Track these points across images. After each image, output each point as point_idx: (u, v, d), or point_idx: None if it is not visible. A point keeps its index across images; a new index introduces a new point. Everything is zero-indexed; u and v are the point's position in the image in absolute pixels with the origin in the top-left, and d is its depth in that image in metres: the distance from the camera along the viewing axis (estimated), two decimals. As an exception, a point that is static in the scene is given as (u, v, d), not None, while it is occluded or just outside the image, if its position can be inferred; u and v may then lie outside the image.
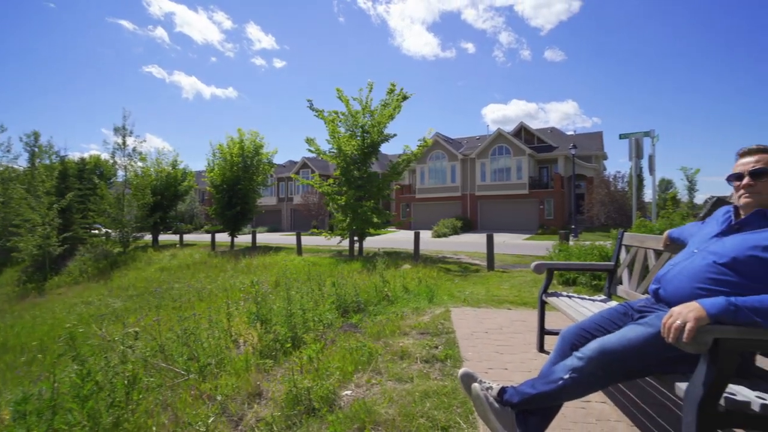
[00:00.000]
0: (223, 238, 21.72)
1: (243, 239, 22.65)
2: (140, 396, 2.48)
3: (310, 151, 13.69)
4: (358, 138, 12.91)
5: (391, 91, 12.85)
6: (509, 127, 37.32)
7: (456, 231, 30.28)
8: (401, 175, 13.75)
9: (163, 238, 26.84)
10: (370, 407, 2.30)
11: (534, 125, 38.57)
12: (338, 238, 14.15)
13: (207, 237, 24.35)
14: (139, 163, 22.93)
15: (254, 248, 17.49)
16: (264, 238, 28.49)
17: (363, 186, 12.96)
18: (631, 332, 1.67)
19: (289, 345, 3.47)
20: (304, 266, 8.83)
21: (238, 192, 18.79)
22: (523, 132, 37.07)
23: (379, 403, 2.36)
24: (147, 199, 21.27)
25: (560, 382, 1.68)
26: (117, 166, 23.78)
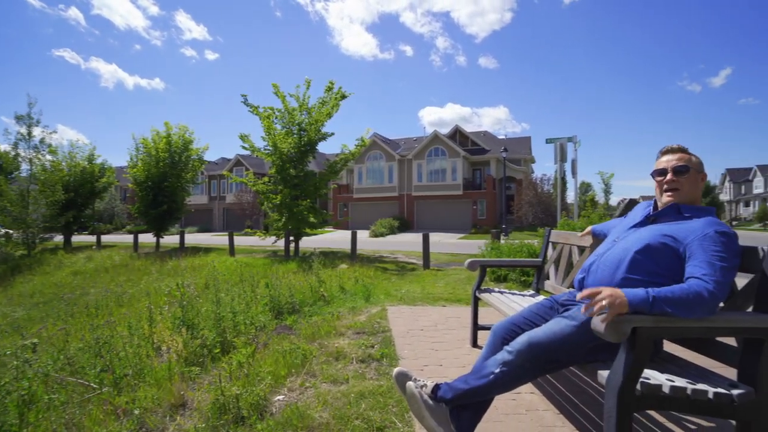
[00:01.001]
0: (147, 238, 20.23)
1: (170, 240, 21.29)
2: (39, 416, 2.19)
3: (244, 148, 13.14)
4: (295, 135, 12.61)
5: (329, 89, 12.69)
6: (445, 130, 38.47)
7: (393, 231, 30.64)
8: (339, 174, 13.63)
9: (78, 239, 24.51)
10: (303, 412, 2.21)
11: (468, 129, 40.06)
12: (273, 238, 13.73)
13: (129, 238, 22.52)
14: (48, 156, 20.65)
15: (182, 249, 16.48)
16: (193, 238, 26.98)
17: (299, 185, 12.67)
18: (556, 325, 1.75)
19: (218, 350, 3.26)
20: (237, 267, 8.45)
21: (164, 189, 17.55)
22: (458, 135, 38.37)
23: (312, 407, 2.27)
24: (57, 196, 19.18)
25: (491, 376, 1.71)
26: (20, 159, 21.29)
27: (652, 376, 1.54)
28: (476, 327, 3.39)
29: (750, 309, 1.63)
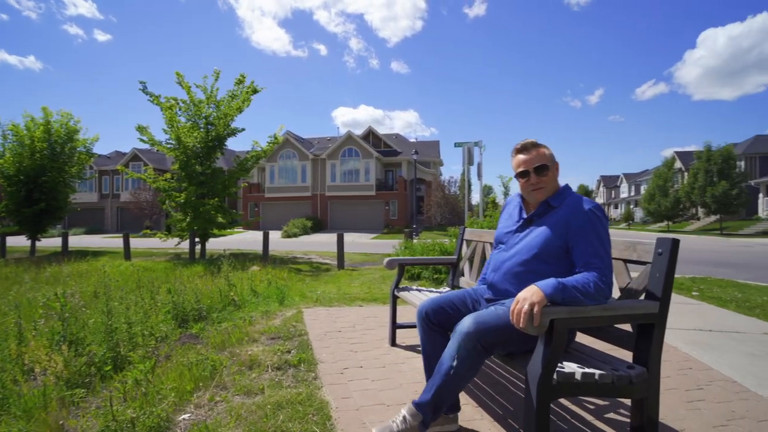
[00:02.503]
0: (19, 241, 17.50)
1: (50, 243, 18.61)
2: None
3: (142, 141, 11.89)
4: (202, 130, 11.76)
5: (240, 82, 12.03)
6: (359, 131, 38.74)
7: (306, 231, 30.08)
8: (249, 172, 12.99)
9: None
10: (214, 430, 2.00)
11: (381, 131, 40.78)
12: (177, 239, 12.67)
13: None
14: None
15: (65, 254, 14.48)
16: (80, 241, 23.98)
17: (206, 182, 11.84)
18: (497, 308, 1.80)
19: (109, 367, 2.86)
20: (134, 273, 7.61)
21: (42, 185, 15.19)
22: (371, 136, 38.84)
23: (224, 424, 2.07)
24: None
25: (451, 370, 1.69)
26: None
27: (565, 364, 1.63)
28: (395, 326, 3.39)
29: (642, 297, 1.81)
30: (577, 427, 2.11)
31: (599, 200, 70.07)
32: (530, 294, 1.53)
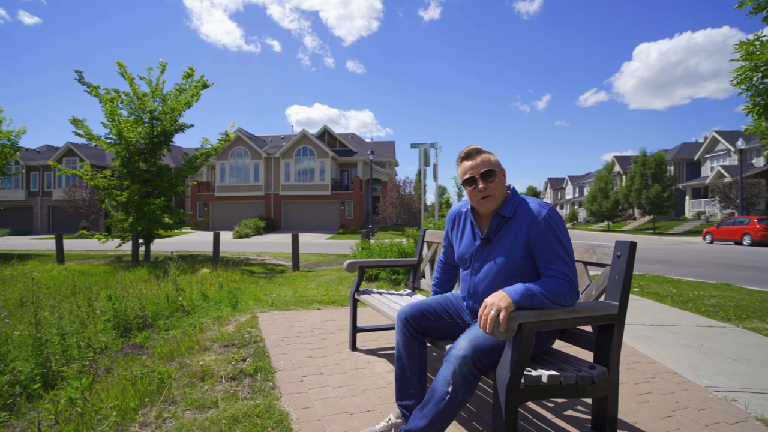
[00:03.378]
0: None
1: (-33, 245, 16.93)
2: None
3: (77, 135, 11.01)
4: (146, 124, 11.09)
5: (188, 76, 11.47)
6: (313, 130, 38.23)
7: (259, 231, 29.31)
8: (198, 170, 12.41)
9: None
10: (162, 450, 1.85)
11: (336, 130, 40.42)
12: (118, 241, 11.88)
13: None
14: None
15: (-14, 257, 13.20)
16: (4, 243, 21.96)
17: (151, 180, 11.19)
18: None
19: (37, 386, 2.59)
20: (68, 278, 7.02)
21: (-43, 182, 13.78)
22: (326, 135, 38.44)
23: (173, 442, 1.91)
24: None
25: (447, 396, 1.60)
26: None
27: (531, 367, 1.63)
28: (355, 329, 3.32)
29: (602, 298, 1.85)
30: (539, 426, 2.14)
31: (546, 201, 73.27)
32: (498, 299, 1.52)
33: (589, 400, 2.39)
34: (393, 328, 3.43)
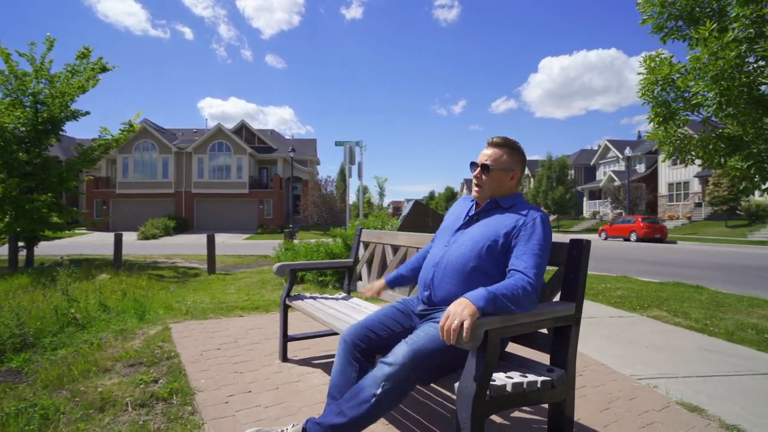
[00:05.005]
0: None
1: None
2: None
3: (-67, 117, 9.18)
4: (28, 109, 9.57)
5: (83, 56, 10.08)
6: (230, 125, 36.21)
7: (169, 232, 27.13)
8: (96, 163, 11.00)
9: None
10: None
11: (254, 126, 38.75)
12: (-10, 244, 10.12)
13: None
14: None
15: None
16: None
17: (35, 174, 9.69)
18: (432, 329, 1.61)
19: None
20: None
21: None
22: (244, 131, 36.66)
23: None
24: None
25: (373, 399, 1.46)
26: None
27: (496, 377, 1.51)
28: (286, 338, 3.03)
29: (556, 298, 1.80)
30: (488, 432, 2.05)
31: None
32: (461, 308, 1.38)
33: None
34: (328, 335, 3.20)
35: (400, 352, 1.53)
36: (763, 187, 4.57)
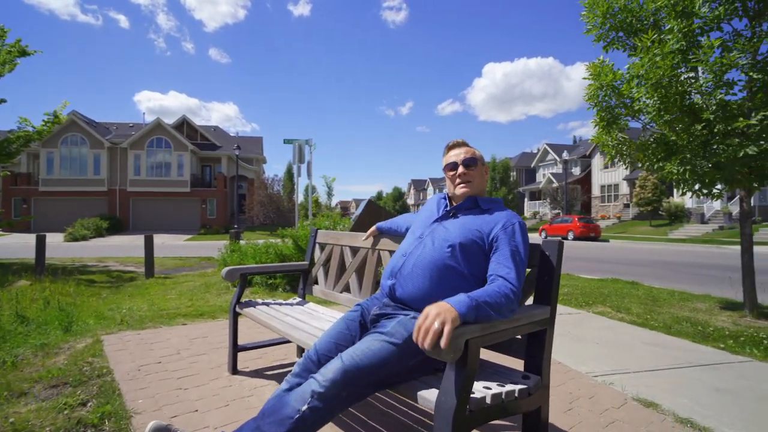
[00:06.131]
0: None
1: None
2: None
3: None
4: (-72, 94, 8.43)
5: (-3, 37, 9.05)
6: (170, 120, 34.24)
7: (101, 233, 25.25)
8: (14, 157, 9.92)
9: None
10: None
11: (197, 122, 36.87)
12: None
13: None
14: None
15: None
16: None
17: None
18: (374, 344, 1.47)
19: None
20: None
21: None
22: (185, 126, 34.87)
23: None
24: None
25: (297, 415, 1.32)
26: None
27: (473, 388, 1.42)
28: (236, 349, 2.80)
29: (529, 301, 1.74)
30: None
31: (410, 201, 77.95)
32: (442, 311, 1.26)
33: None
34: (282, 343, 3.00)
35: (332, 368, 1.39)
36: (696, 188, 4.89)
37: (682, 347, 3.65)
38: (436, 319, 1.23)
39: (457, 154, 1.85)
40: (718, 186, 4.92)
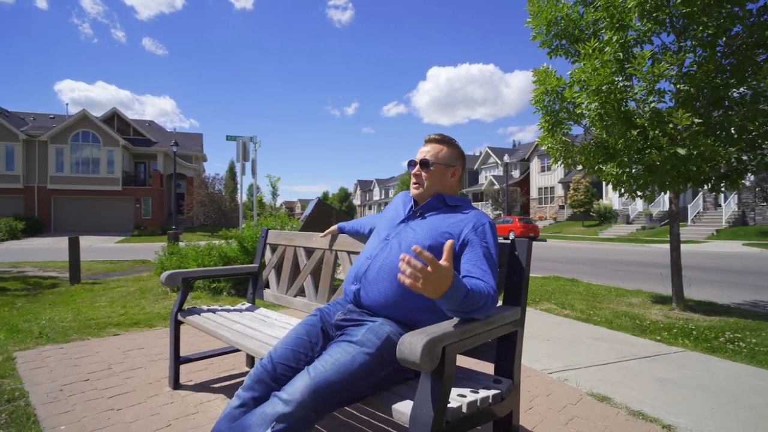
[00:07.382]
0: None
1: None
2: None
3: None
4: None
5: None
6: (98, 112, 31.74)
7: (15, 235, 22.88)
8: None
9: None
10: None
11: (129, 116, 34.51)
12: None
13: None
14: None
15: None
16: None
17: None
18: (344, 355, 1.34)
19: None
20: None
21: None
22: (116, 120, 32.49)
23: None
24: None
25: None
26: None
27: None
28: (178, 361, 2.55)
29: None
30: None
31: (356, 202, 77.86)
32: (440, 266, 1.10)
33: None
34: (230, 352, 2.78)
35: (299, 385, 1.25)
36: (632, 189, 5.19)
37: (624, 341, 3.83)
38: (429, 263, 1.08)
39: (422, 152, 1.77)
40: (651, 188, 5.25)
